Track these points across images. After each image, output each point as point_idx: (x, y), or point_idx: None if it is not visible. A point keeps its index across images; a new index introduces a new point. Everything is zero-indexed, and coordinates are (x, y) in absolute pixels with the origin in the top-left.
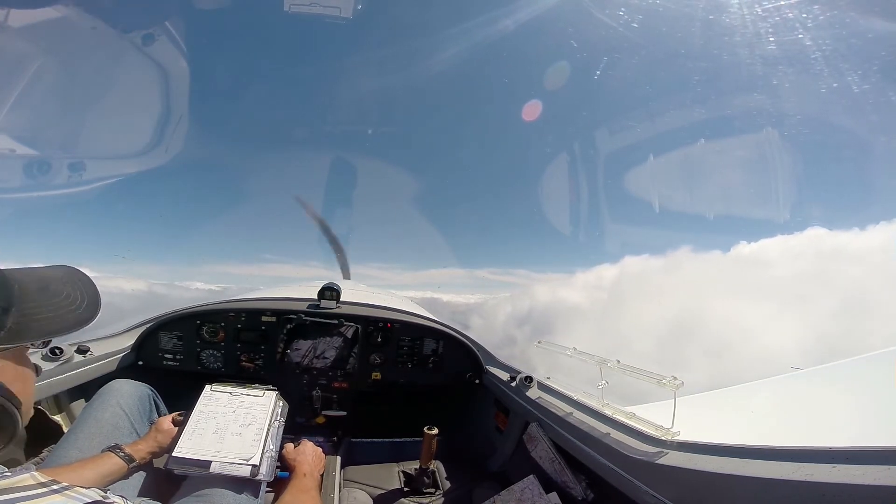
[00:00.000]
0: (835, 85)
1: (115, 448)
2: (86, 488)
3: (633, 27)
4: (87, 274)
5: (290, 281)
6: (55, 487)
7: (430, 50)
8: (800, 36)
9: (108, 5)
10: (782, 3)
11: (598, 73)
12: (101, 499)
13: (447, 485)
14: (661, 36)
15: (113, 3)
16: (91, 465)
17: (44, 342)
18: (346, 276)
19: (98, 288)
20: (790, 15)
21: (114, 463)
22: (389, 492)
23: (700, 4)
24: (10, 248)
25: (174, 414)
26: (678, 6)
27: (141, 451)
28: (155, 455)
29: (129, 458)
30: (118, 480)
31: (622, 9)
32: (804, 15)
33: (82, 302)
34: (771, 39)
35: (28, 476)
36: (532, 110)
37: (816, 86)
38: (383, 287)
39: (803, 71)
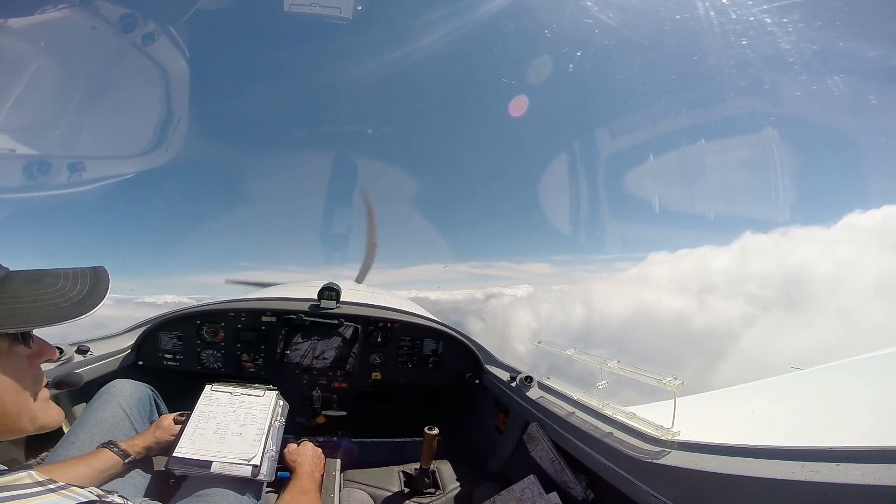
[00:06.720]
0: None
1: (109, 444)
2: (82, 487)
3: (623, 25)
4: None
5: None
6: (51, 486)
7: (428, 49)
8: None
9: (108, 5)
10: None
11: (572, 67)
12: (97, 498)
13: (447, 485)
14: (652, 35)
15: (113, 2)
16: (86, 461)
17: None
18: (360, 280)
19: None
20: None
21: (108, 458)
22: (390, 492)
23: (702, 5)
24: (8, 249)
25: (174, 414)
26: (678, 6)
27: (136, 446)
28: (151, 451)
29: (124, 454)
30: (115, 477)
31: (616, 9)
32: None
33: (75, 296)
34: (743, 42)
35: (25, 475)
36: (519, 105)
37: None
38: (373, 287)
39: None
